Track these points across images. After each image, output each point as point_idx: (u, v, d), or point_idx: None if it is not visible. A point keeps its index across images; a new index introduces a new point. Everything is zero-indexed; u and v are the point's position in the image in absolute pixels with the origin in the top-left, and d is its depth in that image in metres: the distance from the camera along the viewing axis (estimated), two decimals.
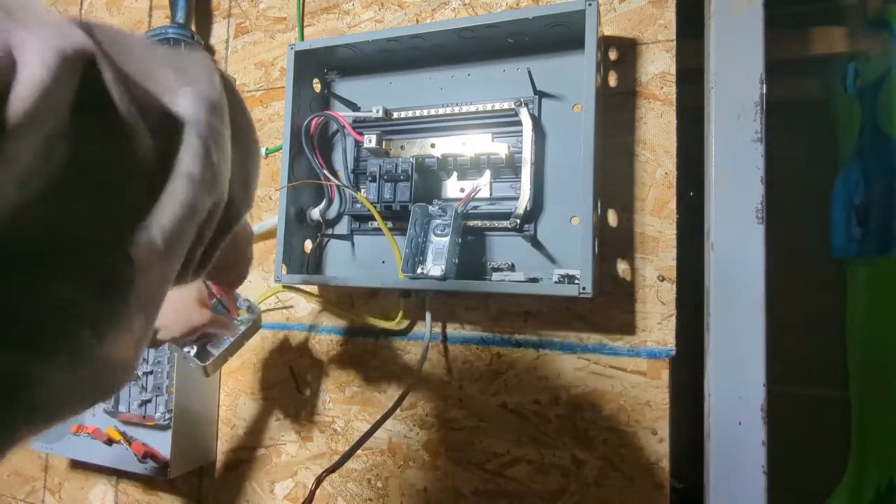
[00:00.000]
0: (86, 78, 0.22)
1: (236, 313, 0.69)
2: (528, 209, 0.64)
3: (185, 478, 0.85)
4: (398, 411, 0.72)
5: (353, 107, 0.77)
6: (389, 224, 0.73)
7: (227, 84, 0.30)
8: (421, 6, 0.77)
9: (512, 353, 0.69)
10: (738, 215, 0.57)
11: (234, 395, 0.85)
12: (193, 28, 0.88)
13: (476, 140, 0.69)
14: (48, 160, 0.21)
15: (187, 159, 0.25)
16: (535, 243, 0.67)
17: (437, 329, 0.73)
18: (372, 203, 0.69)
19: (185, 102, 0.26)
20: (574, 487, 0.65)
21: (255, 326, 0.71)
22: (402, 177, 0.67)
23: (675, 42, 0.64)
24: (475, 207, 0.69)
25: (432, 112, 0.70)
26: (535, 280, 0.64)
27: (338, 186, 0.75)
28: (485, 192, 0.68)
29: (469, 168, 0.68)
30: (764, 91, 0.57)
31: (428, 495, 0.72)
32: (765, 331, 0.56)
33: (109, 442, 0.83)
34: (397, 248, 0.71)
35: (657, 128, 0.64)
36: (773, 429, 0.55)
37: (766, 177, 0.57)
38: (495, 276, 0.65)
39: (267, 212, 0.84)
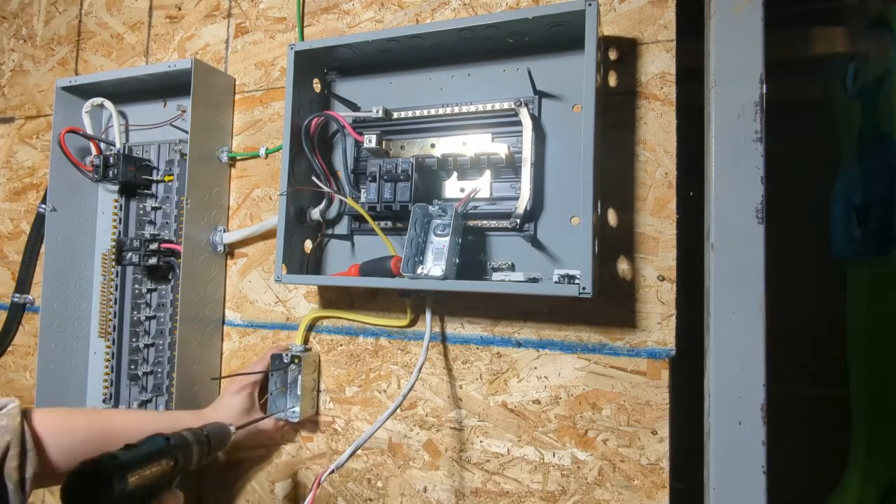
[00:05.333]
0: None
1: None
2: (528, 209, 0.64)
3: (184, 478, 0.85)
4: (398, 411, 0.72)
5: (353, 107, 0.77)
6: (388, 224, 0.73)
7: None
8: (421, 6, 0.77)
9: (512, 353, 0.69)
10: (738, 215, 0.57)
11: None
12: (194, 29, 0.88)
13: (476, 140, 0.69)
14: None
15: None
16: (535, 243, 0.67)
17: (437, 329, 0.73)
18: (372, 203, 0.69)
19: None
20: (574, 487, 0.65)
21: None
22: (402, 177, 0.67)
23: (675, 42, 0.64)
24: (475, 207, 0.69)
25: (432, 112, 0.70)
26: (535, 280, 0.64)
27: (335, 190, 0.75)
28: (485, 192, 0.68)
29: (469, 168, 0.68)
30: (764, 91, 0.57)
31: (428, 495, 0.72)
32: (765, 331, 0.56)
33: None
34: (393, 249, 0.71)
35: (657, 128, 0.64)
36: (773, 429, 0.55)
37: (767, 177, 0.56)
38: (495, 275, 0.65)
39: (267, 212, 0.84)
